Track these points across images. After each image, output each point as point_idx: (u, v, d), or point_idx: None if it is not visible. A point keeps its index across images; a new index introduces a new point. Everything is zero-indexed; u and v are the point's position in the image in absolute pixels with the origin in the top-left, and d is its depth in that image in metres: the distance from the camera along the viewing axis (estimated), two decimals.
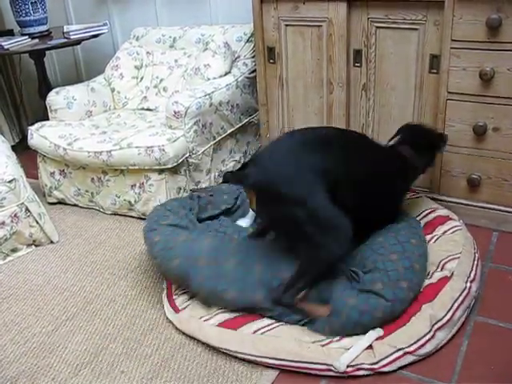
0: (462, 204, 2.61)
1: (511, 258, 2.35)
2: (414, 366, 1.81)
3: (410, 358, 1.81)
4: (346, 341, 1.86)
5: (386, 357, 1.80)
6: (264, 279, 1.97)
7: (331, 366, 1.78)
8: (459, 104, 2.45)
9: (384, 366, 1.79)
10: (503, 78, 2.31)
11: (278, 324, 1.94)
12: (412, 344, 1.82)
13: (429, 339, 1.84)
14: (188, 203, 2.55)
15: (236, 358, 1.89)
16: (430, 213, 2.45)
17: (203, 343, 1.97)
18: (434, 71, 2.49)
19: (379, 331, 1.86)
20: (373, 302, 1.87)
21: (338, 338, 1.87)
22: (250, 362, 1.87)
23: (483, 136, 2.44)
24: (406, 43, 2.53)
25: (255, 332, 1.91)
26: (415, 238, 2.16)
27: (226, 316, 2.00)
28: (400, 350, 1.81)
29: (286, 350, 1.83)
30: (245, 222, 2.44)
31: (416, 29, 2.48)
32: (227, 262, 2.01)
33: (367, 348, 1.82)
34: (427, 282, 2.04)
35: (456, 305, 1.94)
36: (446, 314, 1.90)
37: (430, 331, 1.84)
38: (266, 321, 1.97)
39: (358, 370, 1.78)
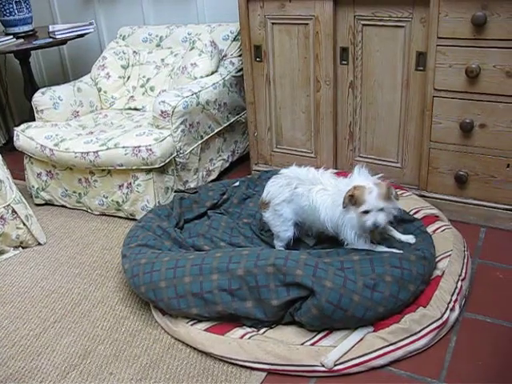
0: (449, 201, 2.62)
1: (499, 253, 2.37)
2: (403, 362, 1.82)
3: (399, 354, 1.82)
4: (336, 337, 1.86)
5: (377, 350, 1.81)
6: (222, 285, 1.94)
7: (320, 365, 1.78)
8: (446, 101, 2.46)
9: (374, 358, 1.80)
10: (489, 75, 2.32)
11: (265, 328, 1.94)
12: (403, 339, 1.83)
13: (420, 337, 1.85)
14: (167, 209, 2.56)
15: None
16: (417, 212, 2.45)
17: None
18: (421, 68, 2.49)
19: (369, 328, 1.87)
20: (377, 296, 1.86)
21: (325, 333, 1.88)
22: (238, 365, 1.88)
23: (470, 133, 2.45)
24: (392, 41, 2.54)
25: (243, 336, 1.91)
26: (432, 249, 2.14)
27: (213, 322, 1.99)
28: (391, 344, 1.82)
29: (274, 354, 1.83)
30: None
31: (402, 26, 2.49)
32: (184, 279, 1.99)
33: (357, 342, 1.83)
34: None
35: (450, 306, 1.95)
36: (441, 317, 1.90)
37: (421, 330, 1.85)
38: None
39: (348, 367, 1.78)
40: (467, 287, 2.11)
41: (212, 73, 3.15)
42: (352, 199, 2.00)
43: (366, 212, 1.98)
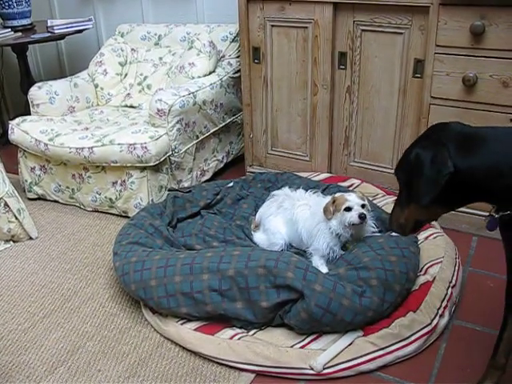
0: None
1: (490, 262, 2.37)
2: (392, 368, 1.82)
3: (389, 359, 1.82)
4: (325, 341, 1.86)
5: (367, 354, 1.81)
6: (212, 285, 1.93)
7: (309, 368, 1.78)
8: (442, 109, 2.46)
9: (363, 363, 1.80)
10: (486, 84, 2.33)
11: (255, 330, 1.94)
12: (393, 344, 1.83)
13: (410, 343, 1.85)
14: (159, 208, 2.55)
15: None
16: None
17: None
18: (418, 75, 2.50)
19: (359, 332, 1.87)
20: (366, 301, 1.87)
21: (315, 336, 1.88)
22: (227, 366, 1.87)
23: None
24: (390, 47, 2.55)
25: (232, 337, 1.90)
26: (413, 246, 2.17)
27: (203, 321, 1.98)
28: (381, 349, 1.82)
29: (264, 356, 1.82)
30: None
31: (401, 33, 2.50)
32: (174, 278, 1.98)
33: (347, 346, 1.83)
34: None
35: (440, 312, 1.96)
36: (430, 323, 1.91)
37: (411, 336, 1.86)
38: None
39: (337, 371, 1.78)
40: (457, 294, 2.11)
41: (210, 73, 3.15)
42: (333, 204, 2.13)
43: (349, 209, 2.10)
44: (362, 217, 2.09)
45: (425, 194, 1.41)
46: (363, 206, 2.12)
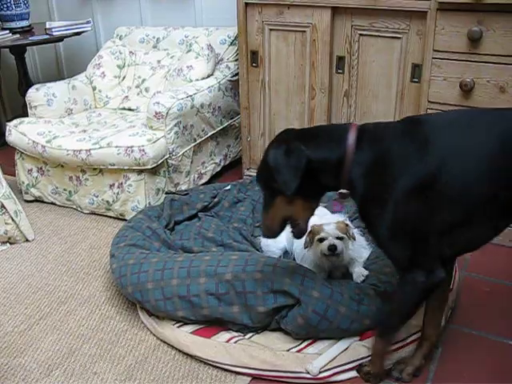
0: None
1: (486, 267, 2.38)
2: (388, 371, 1.82)
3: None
4: (321, 345, 1.86)
5: (363, 358, 1.80)
6: (209, 289, 1.92)
7: (305, 372, 1.78)
8: None
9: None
10: (483, 90, 2.33)
11: (251, 333, 1.93)
12: None
13: (405, 344, 1.85)
14: (157, 211, 2.55)
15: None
16: None
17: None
18: (416, 80, 2.51)
19: (355, 337, 1.87)
20: (364, 308, 1.87)
21: (311, 340, 1.88)
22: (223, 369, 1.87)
23: None
24: (388, 51, 2.56)
25: (229, 340, 1.90)
26: None
27: (199, 324, 1.98)
28: None
29: (260, 359, 1.82)
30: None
31: (399, 38, 2.50)
32: (172, 281, 1.97)
33: (343, 350, 1.83)
34: None
35: None
36: None
37: (407, 338, 1.86)
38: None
39: (333, 375, 1.78)
40: (454, 299, 2.11)
41: (208, 76, 3.16)
42: (310, 235, 2.04)
43: (322, 240, 2.01)
44: (331, 248, 1.98)
45: (289, 182, 1.53)
46: (340, 238, 2.01)
